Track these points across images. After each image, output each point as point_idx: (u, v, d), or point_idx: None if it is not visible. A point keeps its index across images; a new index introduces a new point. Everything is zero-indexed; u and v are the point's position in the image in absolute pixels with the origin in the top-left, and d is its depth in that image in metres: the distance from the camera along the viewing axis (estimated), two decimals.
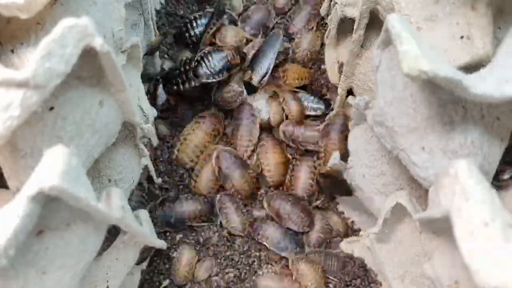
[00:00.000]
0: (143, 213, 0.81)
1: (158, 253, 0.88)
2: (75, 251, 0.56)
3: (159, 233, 0.90)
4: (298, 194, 0.95)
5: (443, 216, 0.52)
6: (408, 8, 0.64)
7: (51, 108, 0.54)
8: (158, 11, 1.01)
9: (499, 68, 0.52)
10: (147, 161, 0.84)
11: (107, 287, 0.73)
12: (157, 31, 0.95)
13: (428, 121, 0.57)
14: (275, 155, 0.97)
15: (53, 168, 0.46)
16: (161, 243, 0.82)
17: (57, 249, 0.54)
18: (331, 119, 0.94)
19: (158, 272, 0.87)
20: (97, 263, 0.72)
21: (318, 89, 1.02)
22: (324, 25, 1.03)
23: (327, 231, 0.93)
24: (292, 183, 0.96)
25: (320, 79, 1.02)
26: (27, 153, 0.54)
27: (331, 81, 0.99)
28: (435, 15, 0.63)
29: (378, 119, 0.66)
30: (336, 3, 0.86)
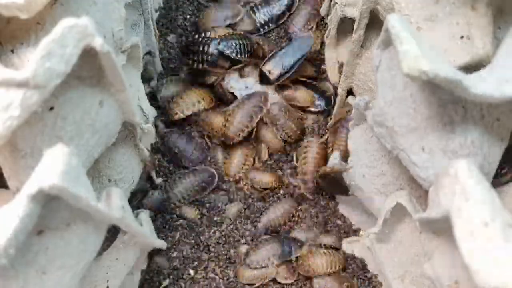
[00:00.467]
0: (143, 213, 0.81)
1: (158, 253, 0.87)
2: (75, 251, 0.56)
3: (159, 233, 0.90)
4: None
5: (443, 216, 0.52)
6: (408, 8, 0.64)
7: (51, 108, 0.54)
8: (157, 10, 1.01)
9: (499, 68, 0.52)
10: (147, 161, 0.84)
11: (107, 287, 0.73)
12: (157, 31, 0.95)
13: (428, 121, 0.57)
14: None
15: (53, 167, 0.46)
16: (161, 243, 0.82)
17: (57, 249, 0.54)
18: (336, 116, 0.95)
19: (158, 272, 0.87)
20: (97, 263, 0.72)
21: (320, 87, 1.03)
22: (324, 25, 1.03)
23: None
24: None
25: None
26: (27, 153, 0.54)
27: (331, 81, 0.99)
28: (435, 15, 0.63)
29: (378, 119, 0.66)
30: (336, 3, 0.86)
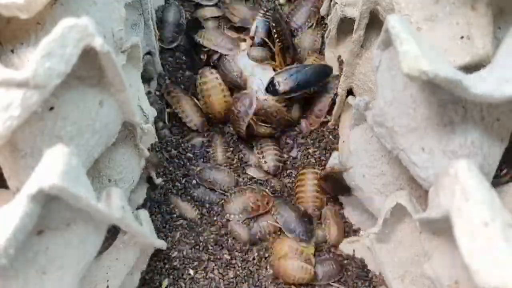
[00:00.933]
0: (143, 213, 0.81)
1: (158, 253, 0.87)
2: (75, 251, 0.56)
3: (159, 233, 0.90)
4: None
5: (443, 216, 0.52)
6: (408, 8, 0.64)
7: (51, 108, 0.54)
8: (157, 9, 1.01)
9: (499, 68, 0.52)
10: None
11: (107, 287, 0.73)
12: (157, 31, 0.95)
13: (428, 121, 0.57)
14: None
15: (53, 167, 0.46)
16: (161, 243, 0.82)
17: (57, 249, 0.54)
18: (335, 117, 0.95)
19: (158, 272, 0.87)
20: (97, 263, 0.72)
21: None
22: (324, 25, 1.03)
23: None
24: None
25: None
26: (27, 153, 0.55)
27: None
28: (435, 15, 0.63)
29: (378, 119, 0.66)
30: (336, 3, 0.86)
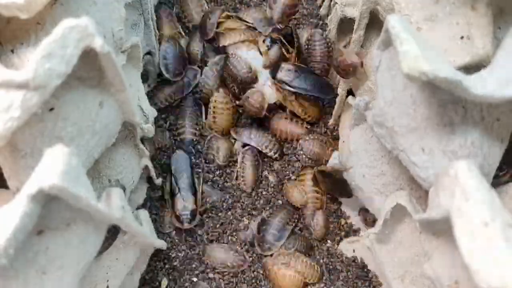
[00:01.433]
0: (143, 213, 0.81)
1: (158, 253, 0.88)
2: (75, 251, 0.56)
3: (159, 233, 0.90)
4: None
5: (443, 217, 0.52)
6: (408, 8, 0.64)
7: (51, 109, 0.54)
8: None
9: (499, 68, 0.52)
10: (147, 161, 0.84)
11: (107, 287, 0.73)
12: (157, 31, 0.95)
13: (428, 122, 0.57)
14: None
15: (53, 167, 0.46)
16: (161, 243, 0.82)
17: (57, 249, 0.54)
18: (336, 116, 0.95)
19: (158, 272, 0.87)
20: (97, 263, 0.72)
21: None
22: (324, 25, 1.03)
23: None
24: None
25: None
26: (27, 153, 0.55)
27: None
28: (435, 15, 0.63)
29: (378, 120, 0.66)
30: (336, 3, 0.86)
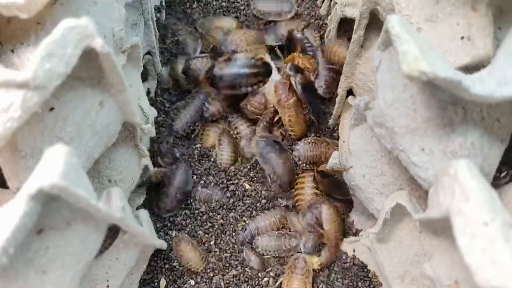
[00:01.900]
0: (143, 213, 0.81)
1: (158, 253, 0.88)
2: (75, 251, 0.56)
3: (159, 232, 0.91)
4: None
5: (443, 216, 0.52)
6: (408, 8, 0.64)
7: (52, 109, 0.54)
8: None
9: (499, 68, 0.52)
10: (147, 161, 0.84)
11: (107, 287, 0.73)
12: (157, 31, 0.95)
13: (428, 122, 0.57)
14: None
15: (53, 166, 0.46)
16: (161, 243, 0.82)
17: (57, 248, 0.54)
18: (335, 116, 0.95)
19: (158, 272, 0.87)
20: (97, 263, 0.72)
21: None
22: (324, 25, 1.03)
23: None
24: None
25: None
26: (27, 153, 0.55)
27: None
28: (436, 15, 0.63)
29: (378, 120, 0.66)
30: (336, 3, 0.86)
